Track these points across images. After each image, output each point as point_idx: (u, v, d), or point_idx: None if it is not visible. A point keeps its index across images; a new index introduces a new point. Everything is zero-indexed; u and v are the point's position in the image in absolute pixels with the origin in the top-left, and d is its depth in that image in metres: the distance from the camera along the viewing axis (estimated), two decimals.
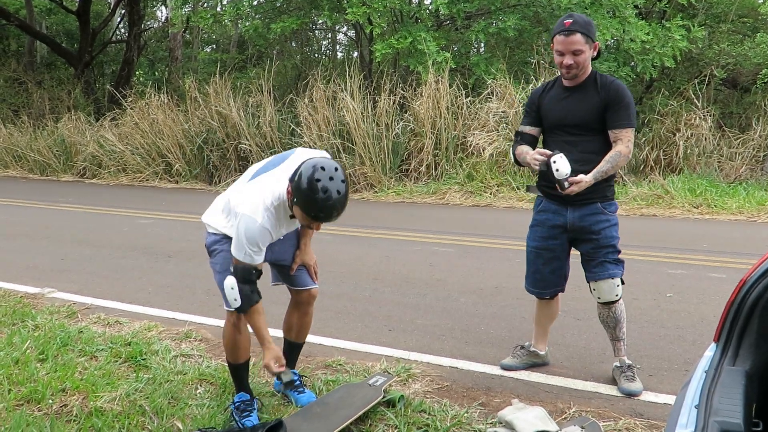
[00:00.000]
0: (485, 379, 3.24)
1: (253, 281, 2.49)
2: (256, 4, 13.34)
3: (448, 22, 12.52)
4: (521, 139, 3.15)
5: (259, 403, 2.86)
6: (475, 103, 10.37)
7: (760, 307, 1.64)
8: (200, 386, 3.11)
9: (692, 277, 5.04)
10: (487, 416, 2.80)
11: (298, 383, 2.98)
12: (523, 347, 3.38)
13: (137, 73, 20.98)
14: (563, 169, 2.78)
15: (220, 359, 3.43)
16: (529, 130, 3.15)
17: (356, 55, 15.19)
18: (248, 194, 2.49)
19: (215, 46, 23.07)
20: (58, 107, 16.61)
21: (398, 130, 10.47)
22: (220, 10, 15.69)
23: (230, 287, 2.46)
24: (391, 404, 2.86)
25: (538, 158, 2.88)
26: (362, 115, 10.43)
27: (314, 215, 2.34)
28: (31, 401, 2.92)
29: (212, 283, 2.88)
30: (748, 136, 9.99)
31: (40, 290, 4.92)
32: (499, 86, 10.17)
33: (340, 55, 19.03)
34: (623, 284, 3.06)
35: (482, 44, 12.68)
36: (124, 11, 20.55)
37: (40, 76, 19.34)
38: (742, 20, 11.96)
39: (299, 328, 2.97)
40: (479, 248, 6.28)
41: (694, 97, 10.12)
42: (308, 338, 3.13)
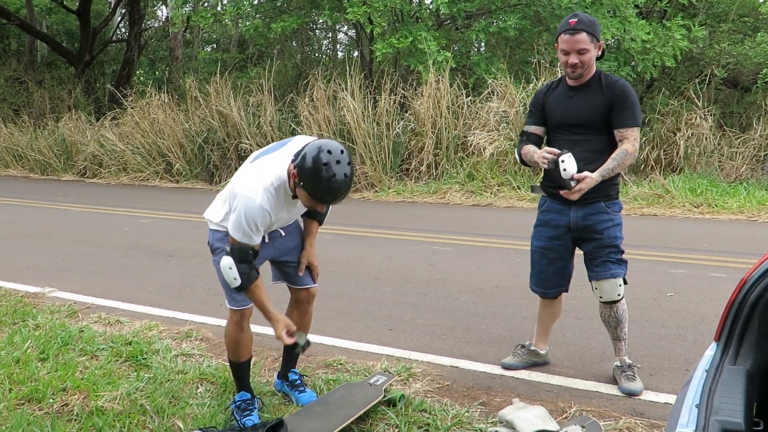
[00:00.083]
0: (486, 378, 3.25)
1: (250, 261, 2.47)
2: (256, 3, 13.34)
3: (448, 21, 12.52)
4: (526, 138, 3.14)
5: (259, 402, 2.86)
6: (475, 102, 10.37)
7: (760, 306, 1.64)
8: (201, 385, 3.12)
9: (693, 276, 5.04)
10: (487, 415, 2.80)
11: (298, 382, 2.99)
12: (523, 346, 3.38)
13: (138, 72, 20.99)
14: (570, 169, 2.79)
15: (220, 358, 3.43)
16: (534, 129, 3.15)
17: (357, 54, 15.19)
18: (248, 176, 2.48)
19: (216, 45, 23.10)
20: (58, 107, 16.62)
21: (399, 129, 10.47)
22: (220, 9, 15.68)
23: (228, 267, 2.44)
24: (391, 403, 2.86)
25: (547, 156, 2.87)
26: (363, 114, 10.43)
27: (320, 198, 2.34)
28: (32, 400, 2.92)
29: (213, 282, 2.88)
30: (748, 135, 9.98)
31: (40, 290, 4.92)
32: (499, 86, 10.16)
33: (340, 54, 19.04)
34: (626, 284, 3.06)
35: (483, 44, 12.67)
36: (124, 11, 20.56)
37: (40, 75, 19.34)
38: (742, 20, 11.96)
39: (299, 327, 2.96)
40: (480, 248, 6.28)
41: (694, 96, 10.11)
42: (309, 337, 3.13)
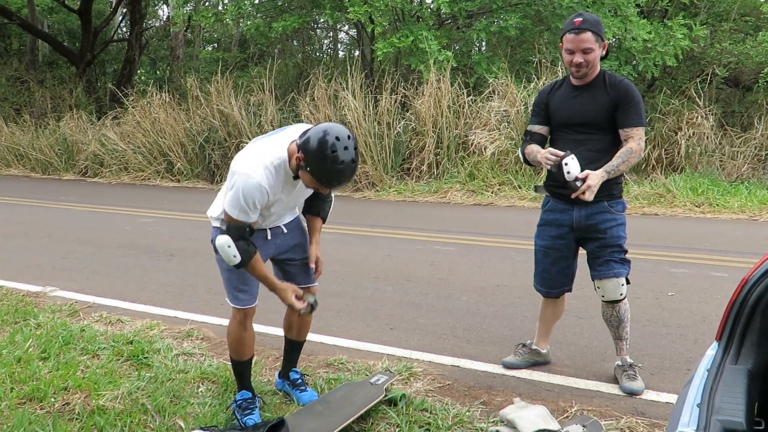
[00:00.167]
0: (487, 377, 3.24)
1: (247, 238, 2.47)
2: (257, 2, 13.34)
3: (449, 20, 12.51)
4: (530, 138, 3.14)
5: (260, 401, 2.86)
6: (476, 101, 10.36)
7: (762, 305, 1.64)
8: (202, 385, 3.12)
9: (694, 275, 5.04)
10: (488, 415, 2.80)
11: (299, 381, 2.99)
12: (524, 345, 3.38)
13: (139, 72, 21.01)
14: (574, 171, 2.78)
15: (222, 358, 3.43)
16: (538, 129, 3.14)
17: (358, 53, 15.20)
18: (247, 155, 2.49)
19: (217, 44, 23.09)
20: (59, 106, 16.64)
21: (400, 129, 10.46)
22: (221, 8, 15.68)
23: (227, 245, 2.42)
24: (392, 403, 2.86)
25: (550, 158, 2.86)
26: (364, 113, 10.43)
27: (325, 181, 2.35)
28: (33, 400, 2.92)
29: (214, 281, 2.88)
30: (750, 135, 9.97)
31: (42, 289, 4.93)
32: (500, 85, 10.16)
33: (341, 53, 19.05)
34: (628, 283, 3.05)
35: (484, 43, 12.66)
36: (125, 10, 20.57)
37: (41, 75, 19.36)
38: (744, 19, 11.94)
39: (299, 326, 2.98)
40: (481, 247, 6.28)
41: (696, 95, 10.10)
42: (310, 337, 3.14)
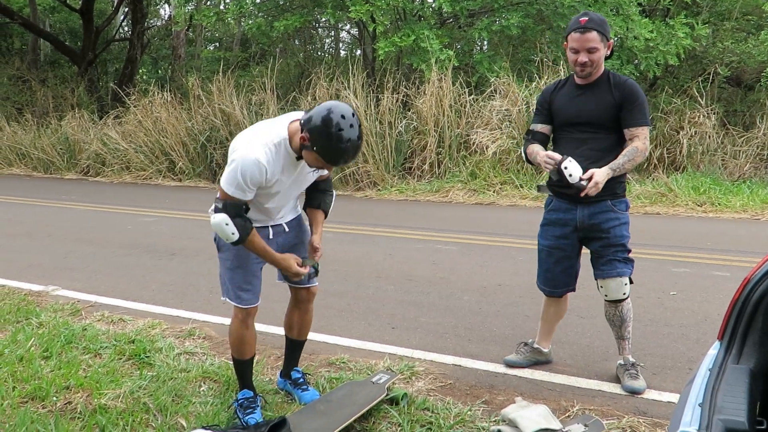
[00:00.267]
0: (488, 377, 3.24)
1: (243, 215, 2.46)
2: (259, 2, 13.33)
3: (451, 20, 12.50)
4: (532, 137, 3.14)
5: (262, 400, 2.86)
6: (478, 101, 10.36)
7: (764, 305, 1.63)
8: (204, 384, 3.12)
9: (696, 275, 5.04)
10: (490, 414, 2.80)
11: (301, 381, 2.99)
12: (526, 344, 3.38)
13: (140, 71, 21.01)
14: (576, 172, 2.79)
15: (223, 357, 3.44)
16: (540, 128, 3.14)
17: (359, 53, 15.19)
18: (246, 134, 2.50)
19: (218, 44, 23.10)
20: (61, 105, 16.65)
21: (401, 128, 10.46)
22: (223, 8, 15.67)
23: (224, 223, 2.41)
24: (394, 402, 2.86)
25: (549, 162, 2.87)
26: (365, 113, 10.42)
27: (332, 160, 2.37)
28: (35, 398, 2.93)
29: (215, 280, 2.87)
30: (752, 134, 9.96)
31: (44, 288, 4.94)
32: (502, 84, 10.16)
33: (343, 53, 19.04)
34: (631, 283, 3.05)
35: (485, 42, 12.65)
36: (127, 9, 20.58)
37: (43, 74, 19.37)
38: (746, 18, 11.92)
39: (300, 326, 2.98)
40: (482, 246, 6.27)
41: (697, 95, 10.09)
42: (312, 336, 3.14)
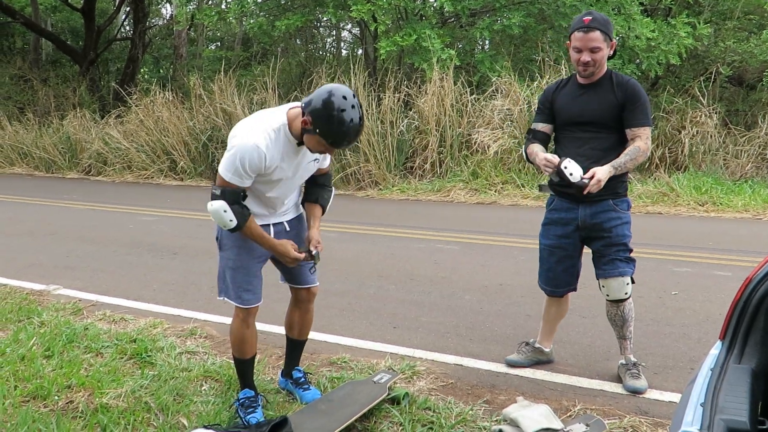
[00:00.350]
0: (490, 376, 3.24)
1: (241, 203, 2.47)
2: (260, 1, 13.34)
3: (452, 19, 12.50)
4: (533, 137, 3.14)
5: (263, 399, 2.86)
6: (479, 100, 10.35)
7: (766, 304, 1.63)
8: (205, 383, 3.12)
9: (697, 274, 5.03)
10: (491, 414, 2.80)
11: (302, 380, 2.99)
12: (528, 344, 3.38)
13: (142, 70, 21.03)
14: (576, 172, 2.80)
15: (225, 356, 3.44)
16: (541, 127, 3.14)
17: (361, 52, 15.19)
18: (246, 121, 2.50)
19: (220, 43, 23.10)
20: (63, 105, 16.67)
21: (403, 127, 10.46)
22: (224, 7, 15.69)
23: (222, 210, 2.42)
24: (395, 401, 2.86)
25: (548, 166, 2.88)
26: (367, 112, 10.42)
27: (336, 142, 2.37)
28: (37, 398, 2.93)
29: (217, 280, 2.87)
30: (753, 133, 9.95)
31: (45, 287, 4.94)
32: (503, 83, 10.15)
33: (344, 52, 19.05)
34: (633, 283, 3.05)
35: (487, 41, 12.65)
36: (129, 8, 20.59)
37: (45, 73, 19.39)
38: (748, 17, 11.90)
39: (301, 325, 2.98)
40: (484, 246, 6.27)
41: (699, 94, 10.08)
42: (313, 335, 3.14)
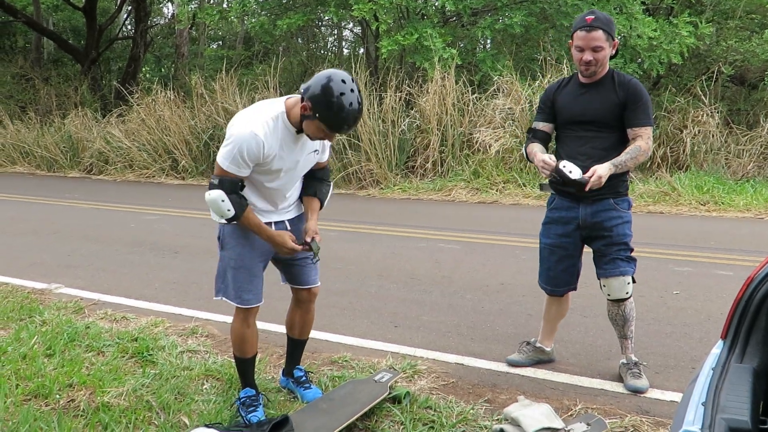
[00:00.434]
0: (491, 375, 3.24)
1: (239, 192, 2.48)
2: (262, 0, 13.35)
3: (454, 18, 12.49)
4: (533, 136, 3.14)
5: (264, 398, 2.87)
6: (481, 99, 10.34)
7: (767, 304, 1.63)
8: (206, 382, 3.13)
9: (699, 274, 5.03)
10: (492, 413, 2.80)
11: (303, 379, 2.99)
12: (529, 343, 3.38)
13: (144, 69, 21.05)
14: (576, 170, 2.80)
15: (226, 355, 3.44)
16: (542, 126, 3.14)
17: (362, 51, 15.19)
18: (244, 112, 2.51)
19: (221, 42, 23.13)
20: (64, 104, 16.68)
21: (404, 126, 10.46)
22: (226, 6, 15.70)
23: (220, 200, 2.43)
24: (396, 400, 2.86)
25: (545, 168, 2.88)
26: (368, 111, 10.42)
27: (336, 127, 2.38)
28: (38, 396, 2.93)
29: None
30: (755, 133, 9.92)
31: (47, 286, 4.94)
32: (505, 83, 10.14)
33: (346, 51, 19.04)
34: (634, 282, 3.05)
35: (488, 41, 12.64)
36: (130, 8, 20.60)
37: (46, 72, 19.41)
38: (750, 17, 11.87)
39: (302, 325, 2.98)
40: (485, 245, 6.27)
41: (701, 93, 10.06)
42: (314, 334, 3.14)
